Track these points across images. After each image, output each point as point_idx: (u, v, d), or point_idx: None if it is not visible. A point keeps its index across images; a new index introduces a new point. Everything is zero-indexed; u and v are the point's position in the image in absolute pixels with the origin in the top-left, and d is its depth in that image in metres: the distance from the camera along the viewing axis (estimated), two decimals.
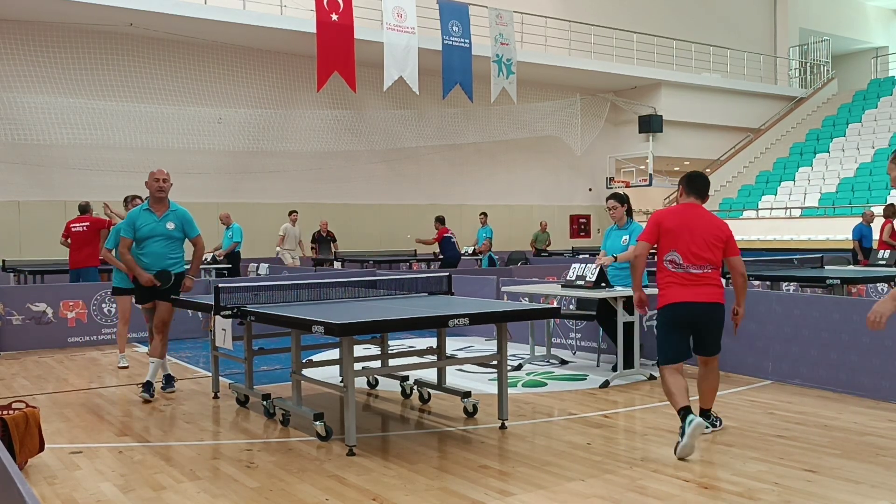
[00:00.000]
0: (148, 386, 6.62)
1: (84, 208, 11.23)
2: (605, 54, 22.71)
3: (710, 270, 4.99)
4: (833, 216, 19.81)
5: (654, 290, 5.30)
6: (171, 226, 6.76)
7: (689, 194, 5.14)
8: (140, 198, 8.49)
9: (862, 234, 13.88)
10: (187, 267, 6.93)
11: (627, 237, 7.46)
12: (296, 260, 16.21)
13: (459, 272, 12.13)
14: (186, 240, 6.94)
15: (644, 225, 5.65)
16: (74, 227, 10.85)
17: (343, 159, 19.52)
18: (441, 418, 5.88)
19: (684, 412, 4.73)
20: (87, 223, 10.86)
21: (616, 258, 7.37)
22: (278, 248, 16.25)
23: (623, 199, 7.55)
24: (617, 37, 22.96)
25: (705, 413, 5.27)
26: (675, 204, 5.40)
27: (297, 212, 16.53)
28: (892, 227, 12.47)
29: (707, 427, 5.23)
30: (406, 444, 5.17)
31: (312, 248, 17.39)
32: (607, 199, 7.64)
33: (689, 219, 5.03)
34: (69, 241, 10.94)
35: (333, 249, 17.12)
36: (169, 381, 6.98)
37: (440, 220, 15.48)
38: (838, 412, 5.81)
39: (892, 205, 12.84)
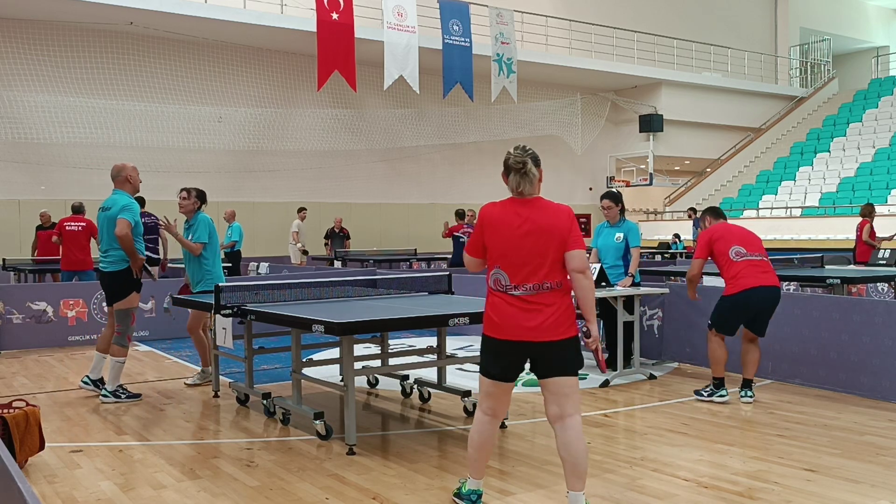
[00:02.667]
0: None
1: (78, 208, 11.14)
2: (606, 53, 22.69)
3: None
4: (833, 216, 19.80)
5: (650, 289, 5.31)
6: None
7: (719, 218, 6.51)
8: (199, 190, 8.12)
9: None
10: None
11: (621, 235, 7.52)
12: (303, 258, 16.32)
13: (459, 272, 12.11)
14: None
15: (637, 223, 6.37)
16: (69, 225, 10.74)
17: (343, 158, 19.51)
18: (441, 417, 5.88)
19: (721, 381, 6.28)
20: (83, 223, 10.78)
21: (633, 279, 7.37)
22: (299, 244, 16.21)
23: (618, 199, 7.65)
24: (617, 36, 22.95)
25: (748, 382, 6.25)
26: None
27: (305, 209, 16.82)
28: (871, 226, 12.43)
29: (751, 395, 6.25)
30: (406, 443, 5.17)
31: (325, 245, 17.44)
32: (602, 198, 7.67)
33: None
34: (61, 238, 10.83)
35: (346, 246, 17.18)
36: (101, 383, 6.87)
37: (459, 215, 14.85)
38: (838, 412, 5.81)
39: (869, 204, 12.77)
